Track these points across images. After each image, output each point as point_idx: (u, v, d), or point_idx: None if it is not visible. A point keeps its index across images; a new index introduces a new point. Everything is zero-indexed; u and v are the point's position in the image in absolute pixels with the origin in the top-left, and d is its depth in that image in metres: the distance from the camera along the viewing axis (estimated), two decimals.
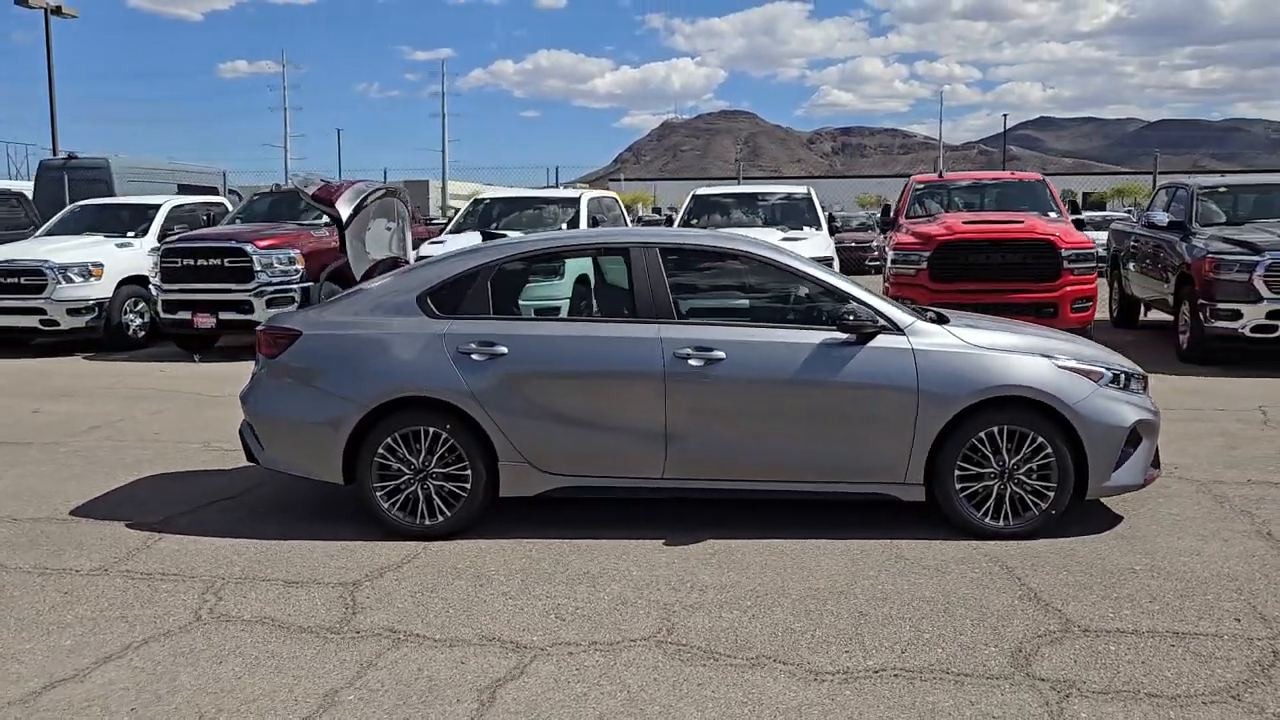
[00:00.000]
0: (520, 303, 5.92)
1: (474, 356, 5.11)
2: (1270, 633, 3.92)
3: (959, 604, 4.25)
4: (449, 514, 5.15)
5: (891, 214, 12.21)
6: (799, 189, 12.99)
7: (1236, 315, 10.09)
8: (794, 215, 12.28)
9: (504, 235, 6.51)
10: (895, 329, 5.09)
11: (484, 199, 13.90)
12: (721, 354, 5.04)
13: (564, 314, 6.85)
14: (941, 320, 5.32)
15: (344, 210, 5.57)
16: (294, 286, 12.11)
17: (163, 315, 12.30)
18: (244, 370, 11.32)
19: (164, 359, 12.17)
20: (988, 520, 5.05)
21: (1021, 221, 10.79)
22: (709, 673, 3.66)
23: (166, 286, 12.18)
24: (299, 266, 12.17)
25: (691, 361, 5.03)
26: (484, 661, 3.78)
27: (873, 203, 57.74)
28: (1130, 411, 5.11)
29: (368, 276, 6.23)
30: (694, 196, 12.98)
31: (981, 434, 5.01)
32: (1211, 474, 6.22)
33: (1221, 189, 12.05)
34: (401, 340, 5.19)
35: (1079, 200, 21.22)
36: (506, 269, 5.41)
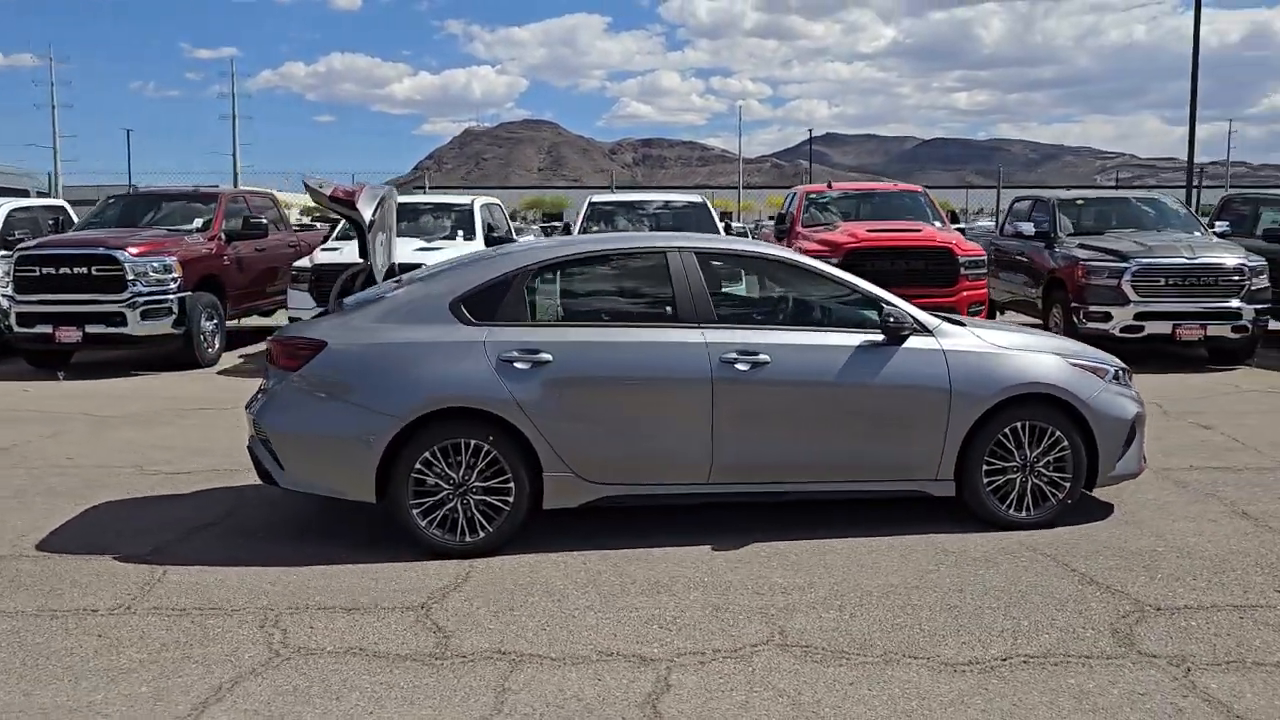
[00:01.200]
0: None
1: (517, 364, 4.94)
2: None
3: (1031, 592, 4.46)
4: (490, 529, 4.95)
5: (787, 222, 12.60)
6: (694, 197, 13.20)
7: (1107, 317, 11.00)
8: (690, 223, 12.45)
9: (511, 241, 6.28)
10: (925, 330, 5.29)
11: None
12: (766, 357, 5.08)
13: None
14: (957, 322, 5.56)
15: (366, 212, 5.25)
16: (170, 297, 11.27)
17: (17, 329, 11.16)
18: (119, 387, 10.51)
19: (19, 377, 11.05)
20: (1011, 512, 5.32)
21: (921, 230, 11.39)
22: (851, 672, 3.70)
23: (22, 298, 11.06)
24: (176, 275, 11.33)
25: (738, 365, 5.06)
26: (621, 677, 3.67)
27: None
28: (1131, 405, 5.52)
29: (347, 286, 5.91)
30: (590, 204, 12.96)
31: (1006, 429, 5.28)
32: (1157, 462, 6.75)
33: (1079, 201, 13.12)
34: (440, 349, 4.95)
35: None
36: (542, 274, 5.26)
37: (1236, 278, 10.95)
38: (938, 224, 12.32)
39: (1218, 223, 12.96)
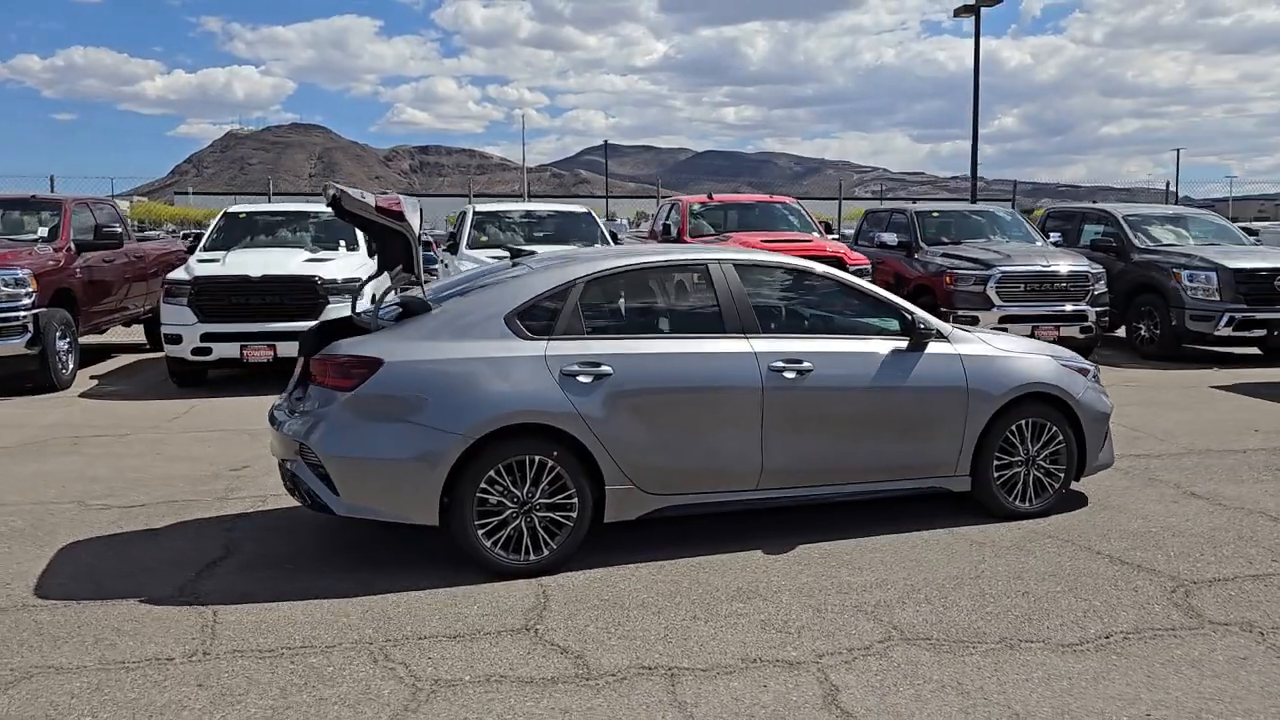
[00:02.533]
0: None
1: (580, 378, 4.89)
2: None
3: (1080, 574, 4.85)
4: (554, 546, 4.87)
5: (674, 233, 12.85)
6: (578, 207, 13.17)
7: (975, 321, 11.88)
8: (577, 233, 12.42)
9: (533, 252, 6.10)
10: (942, 337, 5.62)
11: (237, 212, 12.59)
12: (810, 365, 5.26)
13: None
14: (965, 329, 5.93)
15: (414, 223, 5.02)
16: (24, 314, 10.19)
17: None
18: None
19: None
20: (1016, 503, 5.74)
21: (811, 240, 11.93)
22: (987, 659, 3.92)
23: None
24: (30, 289, 10.26)
25: (786, 373, 5.21)
26: (783, 681, 3.74)
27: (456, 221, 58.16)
28: (1107, 401, 6.07)
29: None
30: (475, 212, 12.72)
31: (1012, 426, 5.69)
32: None
33: (934, 214, 14.11)
34: (502, 364, 4.83)
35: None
36: (593, 287, 5.20)
37: (1083, 283, 12.13)
38: (816, 234, 12.93)
39: (1051, 234, 14.28)
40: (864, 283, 5.75)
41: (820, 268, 5.73)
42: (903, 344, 5.53)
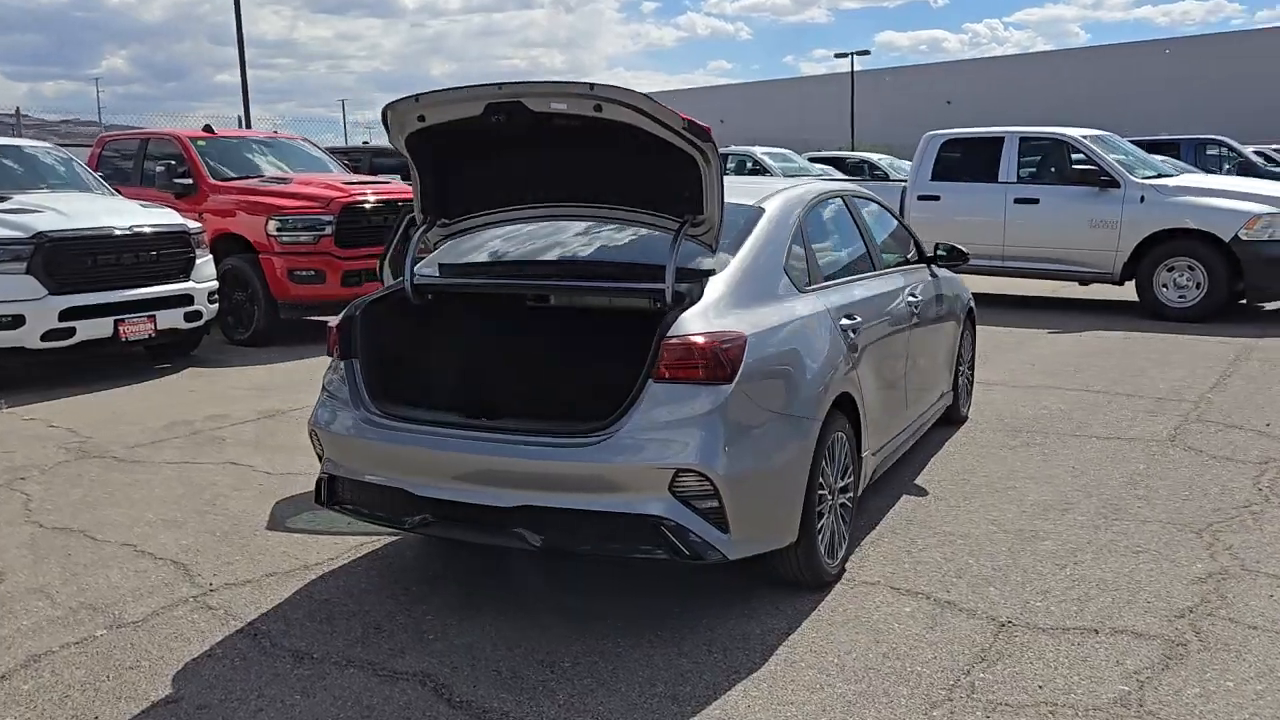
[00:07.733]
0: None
1: (850, 333, 4.10)
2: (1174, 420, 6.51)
3: (1140, 456, 5.59)
4: (847, 537, 4.08)
5: (187, 174, 10.02)
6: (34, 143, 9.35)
7: None
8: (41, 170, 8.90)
9: None
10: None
11: None
12: (919, 297, 5.14)
13: None
14: None
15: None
16: None
17: None
18: None
19: None
20: (963, 409, 6.32)
21: (389, 182, 10.52)
22: (1272, 529, 4.51)
23: None
24: None
25: (914, 307, 5.02)
26: (1244, 586, 3.87)
27: None
28: None
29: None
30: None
31: (961, 340, 6.21)
32: None
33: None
34: (810, 326, 3.84)
35: None
36: (808, 220, 4.27)
37: None
38: (342, 173, 11.41)
39: None
40: (897, 214, 5.70)
41: (878, 199, 5.51)
42: (926, 270, 5.65)
